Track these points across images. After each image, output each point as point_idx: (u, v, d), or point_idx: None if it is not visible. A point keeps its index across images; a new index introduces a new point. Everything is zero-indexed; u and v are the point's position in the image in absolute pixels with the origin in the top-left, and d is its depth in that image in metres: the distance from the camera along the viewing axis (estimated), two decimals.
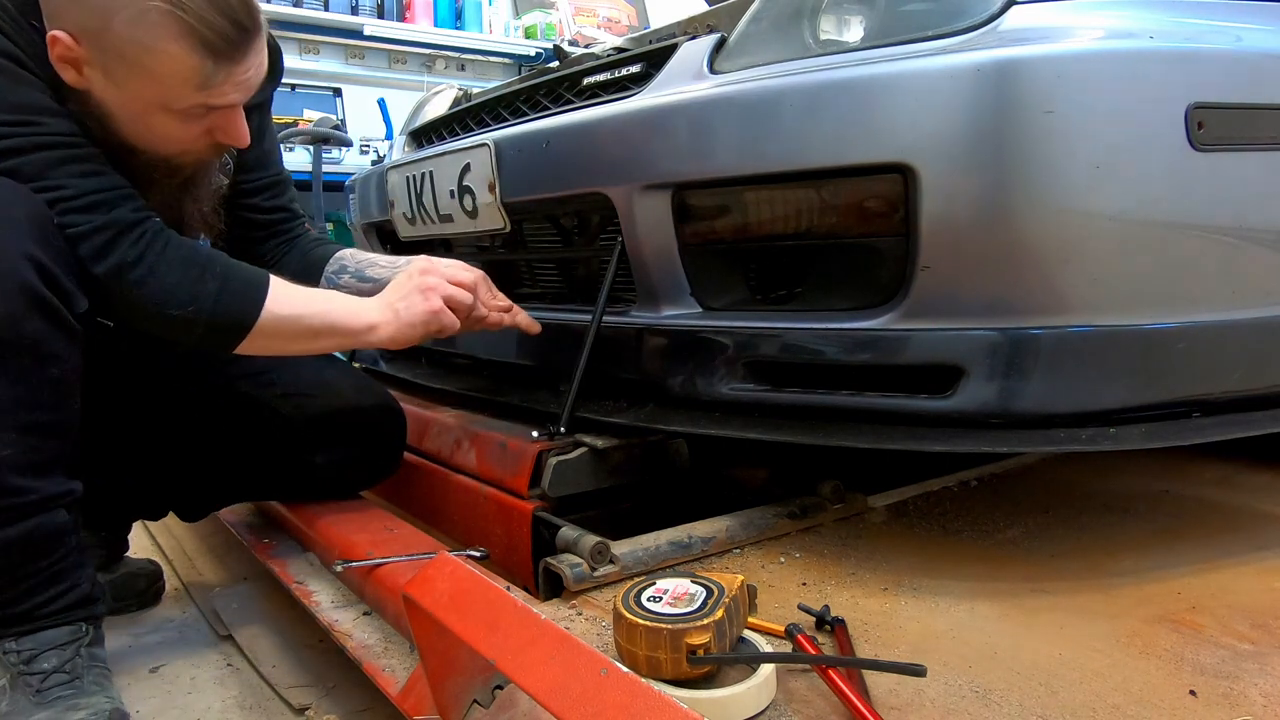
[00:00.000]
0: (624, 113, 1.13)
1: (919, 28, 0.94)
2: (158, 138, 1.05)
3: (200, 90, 1.01)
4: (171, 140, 1.06)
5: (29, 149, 0.95)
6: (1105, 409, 0.95)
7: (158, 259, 1.01)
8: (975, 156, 0.89)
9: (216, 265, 1.05)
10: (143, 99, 1.00)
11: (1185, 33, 0.94)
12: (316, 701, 1.14)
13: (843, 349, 1.01)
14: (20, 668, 0.98)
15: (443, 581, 0.87)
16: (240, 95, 1.05)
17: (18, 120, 0.95)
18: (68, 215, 0.96)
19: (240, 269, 1.08)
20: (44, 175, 0.96)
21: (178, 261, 1.02)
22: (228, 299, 1.05)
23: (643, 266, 1.16)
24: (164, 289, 1.01)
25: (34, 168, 0.95)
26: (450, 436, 1.40)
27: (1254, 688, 0.80)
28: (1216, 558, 1.09)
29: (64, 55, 0.97)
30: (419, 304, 1.16)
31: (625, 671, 0.66)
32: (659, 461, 1.25)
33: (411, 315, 1.16)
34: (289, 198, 1.40)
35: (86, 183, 0.98)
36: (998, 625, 0.93)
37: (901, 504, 1.31)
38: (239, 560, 1.65)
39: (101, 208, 0.98)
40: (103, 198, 0.98)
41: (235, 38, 1.00)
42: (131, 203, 1.01)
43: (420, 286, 1.18)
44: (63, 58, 0.97)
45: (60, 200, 0.96)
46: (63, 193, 0.96)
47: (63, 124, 0.98)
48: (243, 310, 1.06)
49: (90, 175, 0.99)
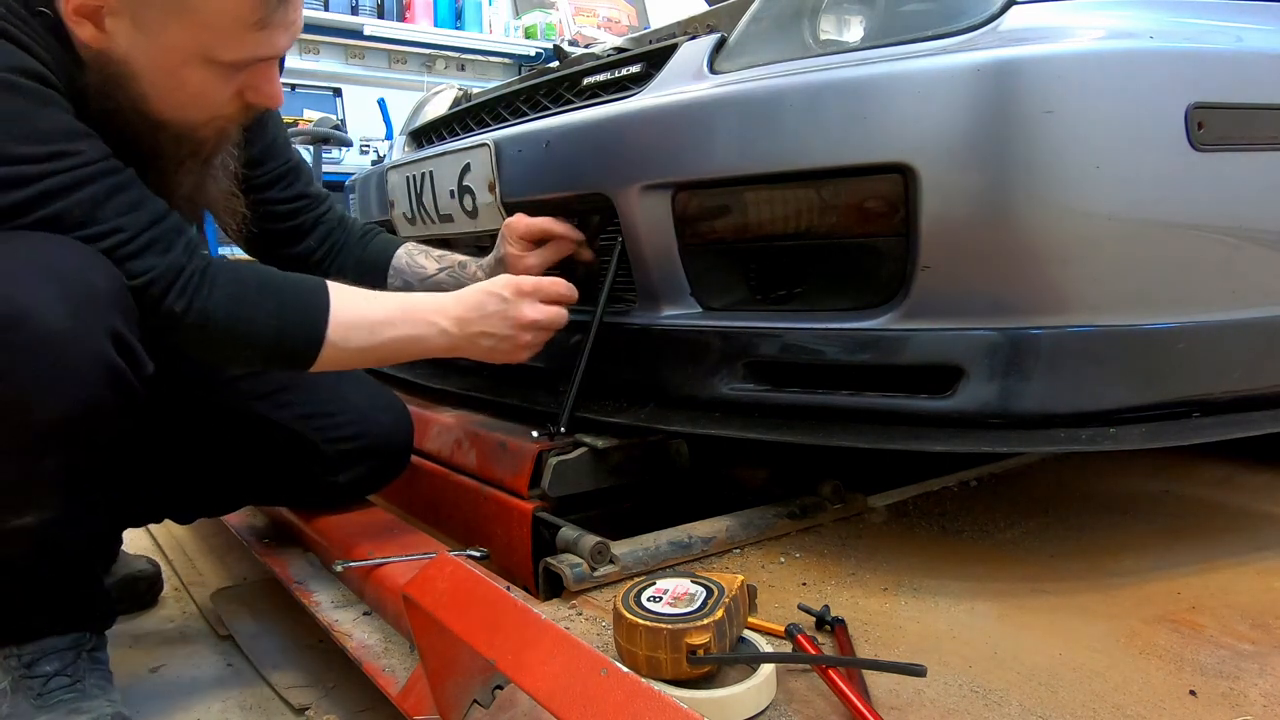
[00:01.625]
0: (624, 113, 1.13)
1: (919, 28, 0.94)
2: (189, 99, 0.94)
3: (256, 31, 0.90)
4: (204, 103, 0.96)
5: (71, 187, 0.86)
6: (1105, 409, 0.95)
7: (211, 299, 0.93)
8: (975, 156, 0.89)
9: (269, 300, 0.97)
10: (181, 49, 0.90)
11: (1185, 33, 0.94)
12: (316, 701, 1.14)
13: (843, 349, 1.01)
14: (21, 671, 0.98)
15: (443, 581, 0.87)
16: (288, 40, 0.96)
17: (51, 153, 0.85)
18: (126, 263, 0.88)
19: (301, 298, 0.99)
20: (93, 218, 0.87)
21: (235, 296, 0.95)
22: (288, 338, 0.97)
23: (643, 266, 1.16)
24: (224, 328, 0.94)
25: (81, 209, 0.86)
26: (450, 436, 1.40)
27: (1254, 688, 0.80)
28: (1216, 558, 1.09)
29: (85, 5, 0.87)
30: (504, 346, 1.09)
31: (625, 671, 0.66)
32: (659, 461, 1.25)
33: (491, 353, 1.10)
34: (306, 182, 1.31)
35: (137, 218, 0.90)
36: (998, 625, 0.93)
37: (901, 504, 1.31)
38: (239, 560, 1.65)
39: (156, 248, 0.90)
40: (156, 234, 0.91)
41: None
42: (181, 236, 0.93)
43: (516, 321, 1.09)
44: (82, 8, 0.87)
45: (117, 247, 0.88)
46: (119, 237, 0.88)
47: (96, 146, 0.89)
48: (303, 346, 0.99)
49: (137, 207, 0.90)
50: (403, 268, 1.32)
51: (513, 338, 1.09)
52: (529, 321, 1.09)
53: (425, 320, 1.06)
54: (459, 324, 1.07)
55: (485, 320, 1.08)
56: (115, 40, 0.89)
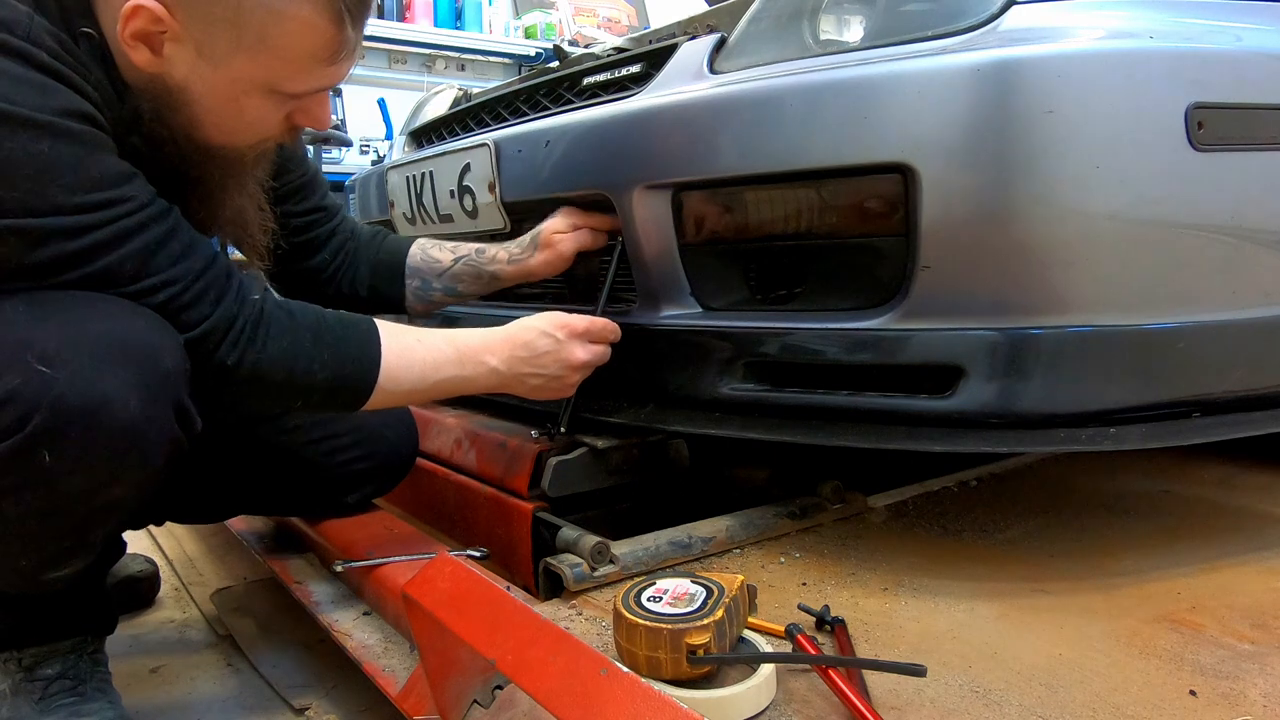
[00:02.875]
0: (624, 113, 1.13)
1: (919, 28, 0.94)
2: (244, 126, 0.92)
3: (327, 65, 0.89)
4: (257, 129, 0.93)
5: (123, 236, 0.81)
6: (1105, 409, 0.95)
7: (265, 352, 0.90)
8: (975, 156, 0.89)
9: (324, 349, 0.94)
10: (246, 80, 0.87)
11: (1185, 33, 0.94)
12: (316, 701, 1.14)
13: (843, 349, 1.00)
14: (22, 675, 0.98)
15: (443, 581, 0.87)
16: (350, 68, 0.92)
17: (103, 201, 0.80)
18: (181, 315, 0.84)
19: (351, 344, 0.96)
20: (146, 269, 0.83)
21: (288, 348, 0.91)
22: (341, 385, 0.95)
23: (643, 266, 1.16)
24: (278, 381, 0.91)
25: (134, 262, 0.82)
26: (450, 436, 1.40)
27: (1254, 688, 0.80)
28: (1216, 558, 1.09)
29: (144, 30, 0.82)
30: (552, 385, 1.09)
31: (625, 671, 0.66)
32: (659, 461, 1.25)
33: (538, 391, 1.09)
34: (322, 194, 1.28)
35: (189, 266, 0.86)
36: (998, 625, 0.93)
37: (901, 504, 1.31)
38: (239, 560, 1.65)
39: (208, 298, 0.87)
40: (208, 282, 0.87)
41: (360, 4, 0.88)
42: (231, 281, 0.90)
43: (568, 363, 1.08)
44: (141, 33, 0.83)
45: (171, 300, 0.84)
46: (172, 290, 0.84)
47: (143, 188, 0.85)
48: (356, 391, 0.97)
49: (188, 253, 0.86)
50: (418, 265, 1.32)
51: (562, 378, 1.10)
52: (580, 363, 1.10)
53: (475, 360, 1.05)
54: (509, 363, 1.06)
55: (536, 360, 1.07)
56: (173, 66, 0.86)
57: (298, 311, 0.95)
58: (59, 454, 0.75)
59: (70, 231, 0.78)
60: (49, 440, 0.74)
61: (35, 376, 0.73)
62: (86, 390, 0.75)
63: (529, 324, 1.09)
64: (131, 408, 0.77)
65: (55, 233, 0.78)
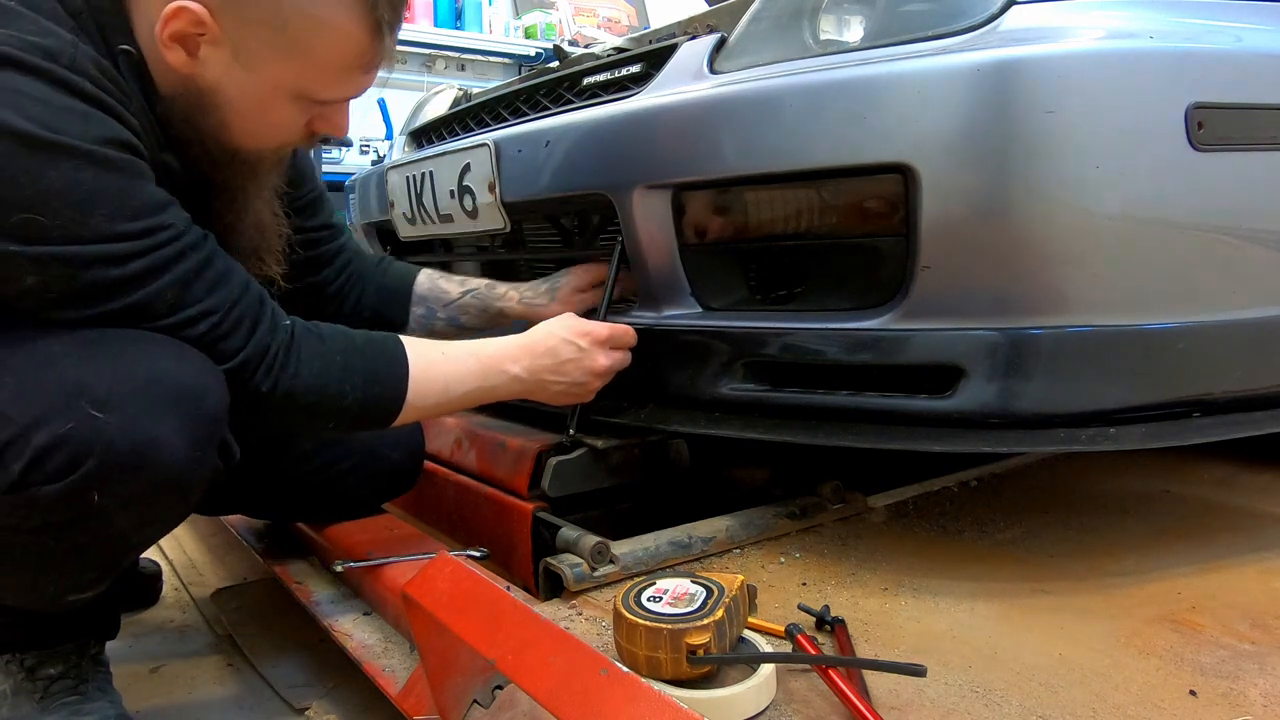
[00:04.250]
0: (624, 113, 1.12)
1: (919, 28, 0.94)
2: (269, 129, 0.93)
3: (359, 74, 0.91)
4: (281, 132, 0.95)
5: (164, 266, 0.81)
6: (1105, 409, 0.95)
7: (299, 377, 0.90)
8: (976, 156, 0.89)
9: (355, 371, 0.94)
10: (279, 84, 0.88)
11: (1185, 33, 0.94)
12: (316, 701, 1.14)
13: (843, 349, 1.00)
14: (23, 675, 0.98)
15: (443, 581, 0.87)
16: (371, 83, 0.95)
17: (145, 229, 0.80)
18: (218, 345, 0.85)
19: (380, 363, 0.97)
20: (185, 299, 0.83)
21: (320, 372, 0.92)
22: (372, 404, 0.96)
23: (643, 267, 1.16)
24: (310, 404, 0.91)
25: (174, 291, 0.82)
26: (450, 437, 1.40)
27: (1254, 688, 0.80)
28: (1216, 558, 1.09)
29: (184, 32, 0.84)
30: (575, 391, 1.10)
31: (625, 671, 0.66)
32: (659, 461, 1.25)
33: (559, 396, 1.10)
34: (329, 212, 1.29)
35: (226, 294, 0.86)
36: (998, 625, 0.93)
37: (901, 504, 1.31)
38: (239, 560, 1.65)
39: (244, 327, 0.87)
40: (243, 310, 0.87)
41: (395, 15, 0.90)
42: (265, 308, 0.90)
43: (591, 369, 1.09)
44: (180, 34, 0.84)
45: (210, 330, 0.84)
46: (211, 320, 0.85)
47: (179, 215, 0.85)
48: (386, 409, 0.97)
49: (223, 280, 0.87)
50: (425, 294, 1.32)
51: (585, 384, 1.10)
52: (603, 369, 1.10)
53: (498, 370, 1.05)
54: (531, 371, 1.06)
55: (560, 367, 1.08)
56: (206, 68, 0.87)
57: (327, 334, 0.96)
58: (108, 495, 0.76)
59: (113, 259, 0.78)
60: (99, 483, 0.75)
61: (88, 421, 0.74)
62: (137, 435, 0.76)
63: (550, 330, 1.09)
64: (179, 451, 0.79)
65: (98, 260, 0.78)
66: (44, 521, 0.77)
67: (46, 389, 0.75)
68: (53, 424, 0.73)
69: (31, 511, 0.75)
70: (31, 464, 0.73)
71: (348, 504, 1.26)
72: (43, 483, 0.73)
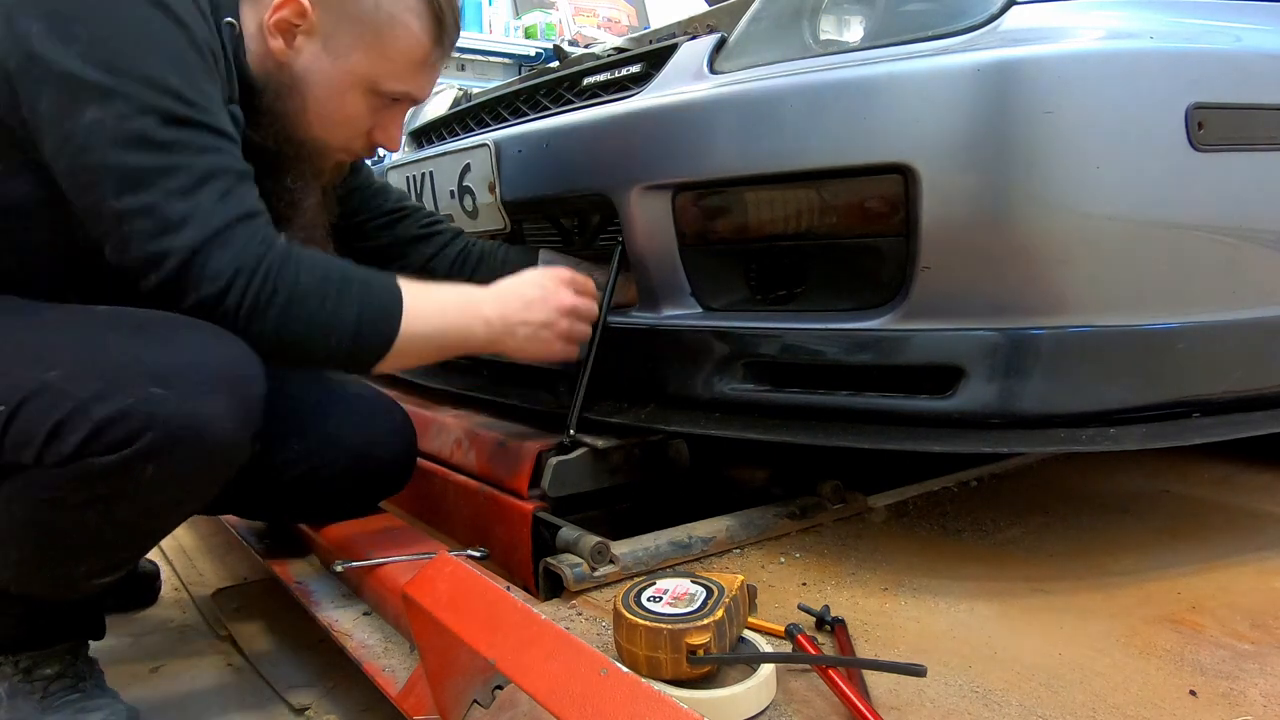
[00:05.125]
0: (624, 113, 1.13)
1: (919, 28, 0.94)
2: (341, 120, 1.02)
3: (421, 68, 1.02)
4: (349, 128, 1.04)
5: (200, 149, 0.84)
6: (1105, 409, 0.95)
7: (293, 291, 0.88)
8: (976, 157, 0.89)
9: (353, 285, 0.93)
10: (356, 74, 0.99)
11: (1185, 33, 0.94)
12: (316, 701, 1.14)
13: (843, 349, 1.00)
14: (19, 677, 0.98)
15: (443, 581, 0.87)
16: (430, 89, 1.06)
17: (198, 108, 0.85)
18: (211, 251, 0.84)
19: (376, 286, 0.96)
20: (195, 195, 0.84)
21: (314, 289, 0.90)
22: (368, 327, 0.93)
23: (643, 267, 1.16)
24: (302, 325, 0.89)
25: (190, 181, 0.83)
26: (450, 436, 1.40)
27: (1254, 688, 0.80)
28: (1216, 558, 1.09)
29: (288, 20, 0.95)
30: (543, 334, 1.07)
31: (625, 671, 0.66)
32: (659, 461, 1.25)
33: (528, 343, 1.07)
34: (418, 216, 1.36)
35: (230, 206, 0.86)
36: (998, 625, 0.93)
37: (901, 504, 1.31)
38: (239, 560, 1.65)
39: (237, 241, 0.86)
40: (244, 225, 0.87)
41: (455, 32, 1.03)
42: (257, 220, 0.89)
43: (556, 306, 1.08)
44: (284, 23, 0.95)
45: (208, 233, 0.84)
46: (214, 225, 0.84)
47: (230, 125, 0.90)
48: (383, 335, 0.94)
49: (237, 194, 0.88)
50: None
51: (552, 324, 1.07)
52: (568, 306, 1.09)
53: (473, 310, 1.03)
54: (501, 314, 1.04)
55: (527, 308, 1.06)
56: (299, 56, 0.98)
57: (322, 256, 0.96)
58: (159, 468, 0.80)
59: (169, 117, 0.83)
60: (154, 456, 0.79)
61: (147, 396, 0.78)
62: (193, 411, 0.80)
63: (518, 277, 1.10)
64: (229, 429, 0.83)
65: (156, 111, 0.82)
66: (91, 495, 0.80)
67: (104, 367, 0.79)
68: (114, 399, 0.77)
69: (81, 484, 0.79)
70: (91, 436, 0.76)
71: (340, 505, 1.26)
72: (100, 453, 0.77)
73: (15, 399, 0.79)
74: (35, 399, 0.78)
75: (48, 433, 0.77)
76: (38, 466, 0.79)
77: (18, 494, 0.81)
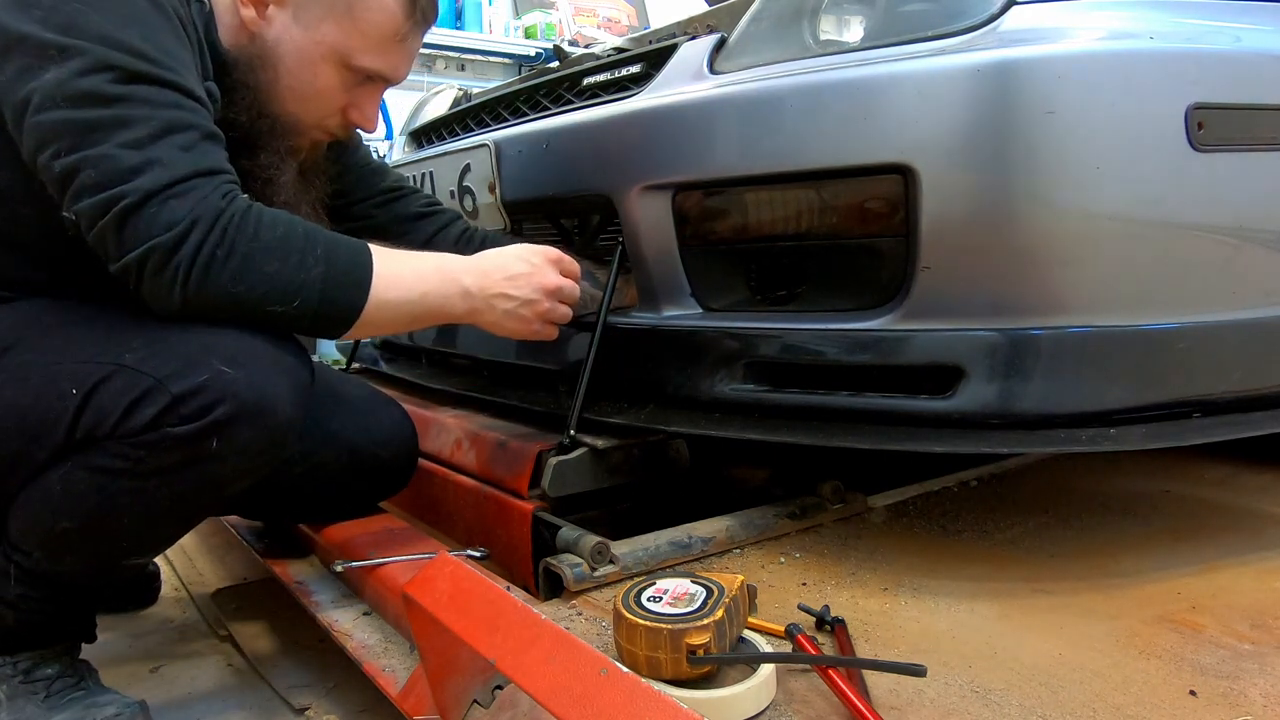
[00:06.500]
0: (624, 113, 1.13)
1: (919, 28, 0.94)
2: (313, 94, 1.02)
3: (395, 44, 1.02)
4: (321, 103, 1.04)
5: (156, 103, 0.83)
6: (1106, 409, 0.95)
7: (252, 245, 0.85)
8: (976, 157, 0.89)
9: (318, 245, 0.90)
10: (327, 46, 1.00)
11: (1185, 33, 0.94)
12: (316, 701, 1.14)
13: (843, 349, 1.01)
14: (20, 679, 0.98)
15: (443, 581, 0.87)
16: (404, 71, 1.07)
17: (163, 66, 0.84)
18: (170, 202, 0.82)
19: (343, 247, 0.92)
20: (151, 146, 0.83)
21: (276, 245, 0.87)
22: (335, 290, 0.90)
23: (643, 267, 1.16)
24: (262, 281, 0.86)
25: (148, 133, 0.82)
26: (450, 437, 1.40)
27: (1254, 688, 0.80)
28: (1216, 558, 1.09)
29: None
30: (523, 311, 1.05)
31: (625, 671, 0.66)
32: (659, 461, 1.25)
33: (506, 318, 1.04)
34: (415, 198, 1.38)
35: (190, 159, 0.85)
36: (998, 625, 0.93)
37: (902, 504, 1.31)
38: (239, 560, 1.65)
39: (193, 192, 0.84)
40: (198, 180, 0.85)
41: (432, 12, 1.03)
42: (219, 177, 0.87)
43: (540, 285, 1.05)
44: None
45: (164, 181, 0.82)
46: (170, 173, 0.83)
47: (200, 89, 0.89)
48: (351, 299, 0.91)
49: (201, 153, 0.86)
50: None
51: (534, 303, 1.05)
52: (553, 287, 1.06)
53: (453, 278, 1.00)
54: (482, 286, 1.01)
55: (510, 282, 1.03)
56: (270, 27, 0.99)
57: (286, 215, 0.92)
58: (225, 441, 0.85)
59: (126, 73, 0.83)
60: (223, 429, 0.84)
61: (220, 374, 0.84)
62: (261, 390, 0.86)
63: (505, 250, 1.07)
64: (289, 409, 0.89)
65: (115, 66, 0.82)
66: (160, 464, 0.84)
67: (177, 350, 0.84)
68: (191, 375, 0.83)
69: (153, 453, 0.83)
70: (168, 408, 0.82)
71: (341, 505, 1.26)
72: (176, 424, 0.82)
73: (91, 381, 0.84)
74: (112, 379, 0.83)
75: (125, 407, 0.82)
76: (112, 438, 0.83)
77: (83, 464, 0.85)
